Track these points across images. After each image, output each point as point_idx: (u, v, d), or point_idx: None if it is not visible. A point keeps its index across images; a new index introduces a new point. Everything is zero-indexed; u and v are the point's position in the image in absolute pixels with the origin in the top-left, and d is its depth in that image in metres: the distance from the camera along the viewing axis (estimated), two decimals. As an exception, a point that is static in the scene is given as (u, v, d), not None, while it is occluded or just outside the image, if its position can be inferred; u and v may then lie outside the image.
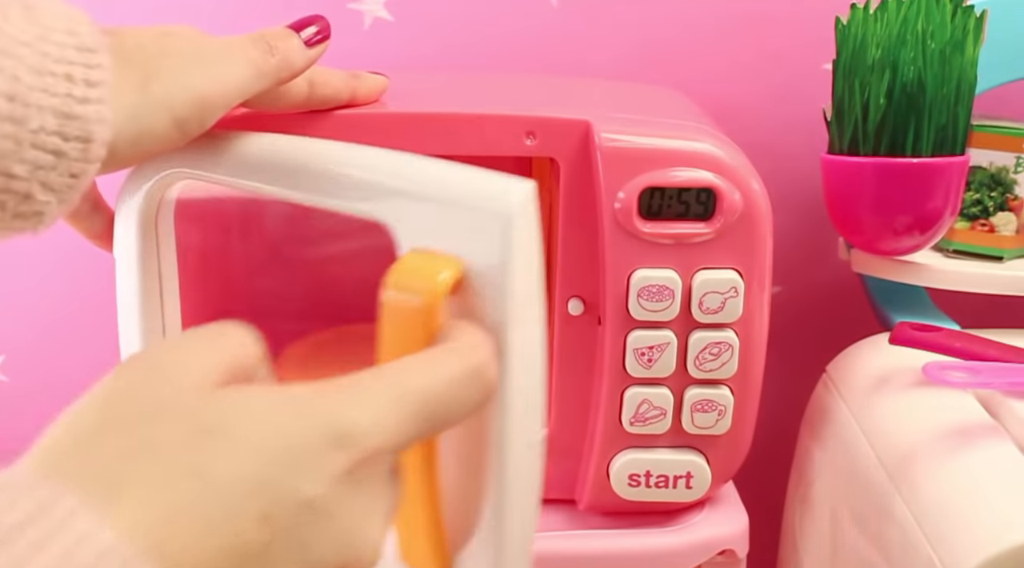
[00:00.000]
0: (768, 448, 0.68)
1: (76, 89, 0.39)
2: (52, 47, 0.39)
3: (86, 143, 0.39)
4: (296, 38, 0.48)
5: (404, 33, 0.77)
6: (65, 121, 0.39)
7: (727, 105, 0.76)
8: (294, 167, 0.43)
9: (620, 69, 0.77)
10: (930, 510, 0.51)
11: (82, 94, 0.39)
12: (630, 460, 0.57)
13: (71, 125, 0.39)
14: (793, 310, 0.83)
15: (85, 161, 0.40)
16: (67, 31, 0.39)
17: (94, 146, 0.40)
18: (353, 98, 0.53)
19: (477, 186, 0.37)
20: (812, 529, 0.66)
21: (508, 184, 0.36)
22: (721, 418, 0.56)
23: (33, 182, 0.39)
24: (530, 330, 0.36)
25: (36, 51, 0.38)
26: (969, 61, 0.61)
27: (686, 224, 0.53)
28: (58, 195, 0.40)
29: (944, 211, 0.62)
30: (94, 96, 0.39)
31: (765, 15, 0.77)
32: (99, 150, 0.40)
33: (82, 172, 0.40)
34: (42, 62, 0.38)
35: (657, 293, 0.53)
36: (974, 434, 0.54)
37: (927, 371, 0.53)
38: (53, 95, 0.38)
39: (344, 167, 0.41)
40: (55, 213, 0.41)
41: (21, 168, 0.38)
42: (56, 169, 0.39)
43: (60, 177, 0.39)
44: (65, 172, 0.39)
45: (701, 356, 0.55)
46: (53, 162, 0.39)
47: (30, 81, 0.38)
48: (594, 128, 0.53)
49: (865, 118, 0.61)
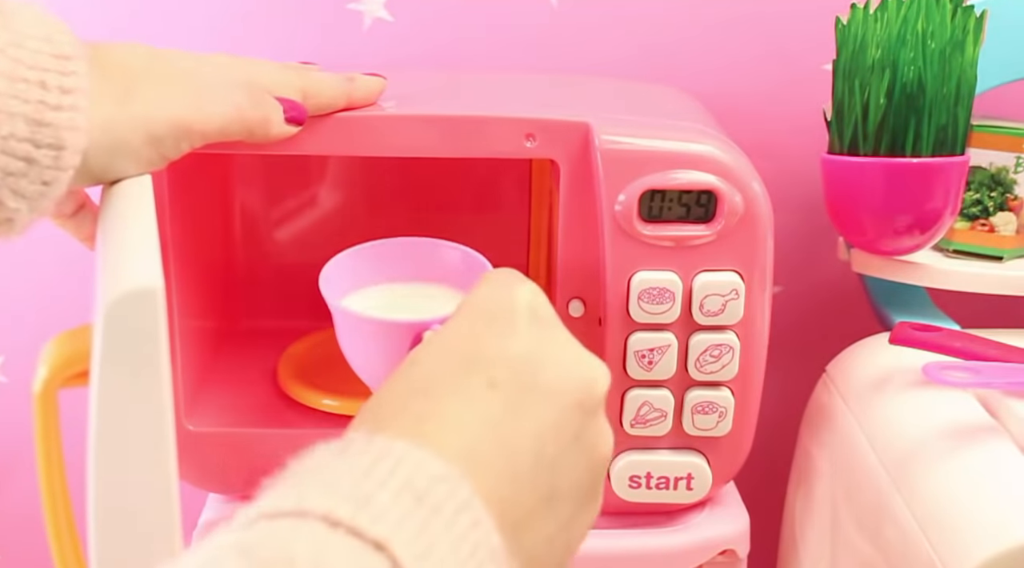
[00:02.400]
0: (768, 448, 0.68)
1: (49, 96, 0.39)
2: (26, 53, 0.38)
3: (58, 150, 0.39)
4: (279, 110, 0.48)
5: (404, 33, 0.77)
6: (37, 128, 0.38)
7: (727, 105, 0.76)
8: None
9: (620, 69, 0.77)
10: (930, 510, 0.51)
11: (55, 101, 0.39)
12: (631, 461, 0.57)
13: (43, 132, 0.39)
14: (793, 310, 0.83)
15: (57, 168, 0.39)
16: (43, 38, 0.39)
17: (66, 154, 0.39)
18: (349, 103, 0.53)
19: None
20: (812, 529, 0.66)
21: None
22: (722, 420, 0.56)
23: (3, 189, 0.39)
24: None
25: (8, 57, 0.38)
26: (969, 61, 0.61)
27: (687, 226, 0.53)
28: (29, 202, 0.39)
29: (944, 211, 0.62)
30: (67, 103, 0.39)
31: (765, 15, 0.77)
32: (72, 158, 0.39)
33: (54, 179, 0.39)
34: (14, 68, 0.38)
35: (658, 295, 0.53)
36: (974, 434, 0.54)
37: (927, 371, 0.54)
38: (25, 102, 0.38)
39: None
40: (26, 220, 0.40)
41: None
42: (27, 176, 0.39)
43: (31, 184, 0.39)
44: (36, 179, 0.39)
45: (702, 358, 0.55)
46: (24, 169, 0.39)
47: (1, 87, 0.38)
48: (594, 130, 0.53)
49: (865, 118, 0.61)
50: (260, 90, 0.47)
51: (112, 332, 0.33)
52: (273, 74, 0.49)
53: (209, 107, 0.44)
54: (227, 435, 0.59)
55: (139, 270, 0.34)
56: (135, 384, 0.33)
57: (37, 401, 0.37)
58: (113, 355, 0.33)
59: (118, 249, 0.36)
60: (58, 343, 0.37)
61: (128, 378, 0.33)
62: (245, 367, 0.66)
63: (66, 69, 0.39)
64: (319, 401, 0.61)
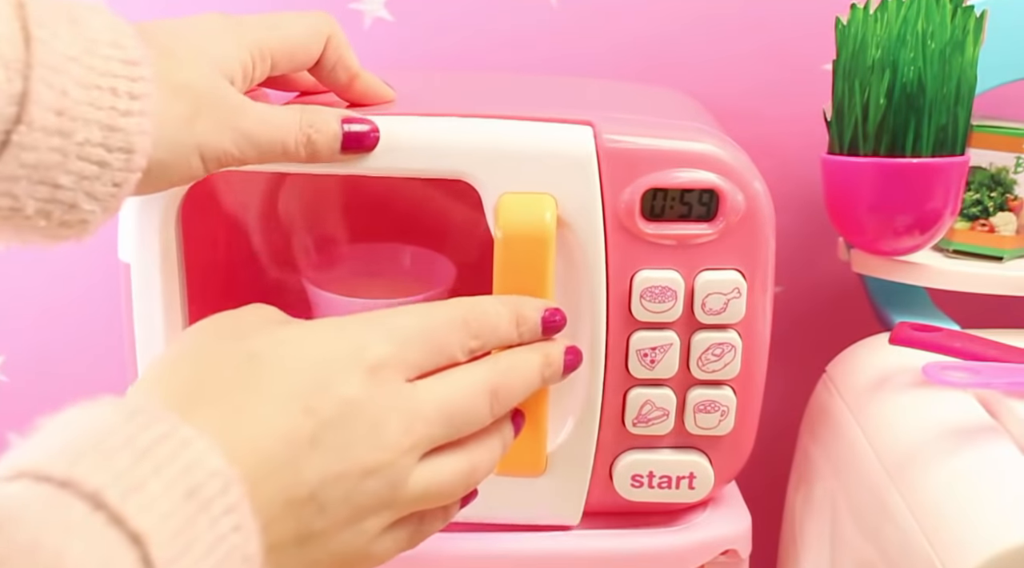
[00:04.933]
0: (768, 448, 0.68)
1: (120, 102, 0.40)
2: (98, 61, 0.40)
3: (128, 154, 0.41)
4: (335, 133, 0.49)
5: (404, 33, 0.77)
6: (109, 133, 0.40)
7: (727, 105, 0.76)
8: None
9: (620, 69, 0.77)
10: (930, 510, 0.51)
11: (125, 107, 0.40)
12: (633, 461, 0.57)
13: (115, 137, 0.40)
14: (793, 310, 0.83)
15: (128, 170, 0.41)
16: (112, 43, 0.40)
17: (136, 157, 0.41)
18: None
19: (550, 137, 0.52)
20: (812, 529, 0.66)
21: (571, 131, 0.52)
22: (724, 419, 0.56)
23: (78, 192, 0.40)
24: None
25: (83, 65, 0.39)
26: (969, 61, 0.61)
27: (689, 225, 0.53)
28: (102, 204, 0.41)
29: (944, 211, 0.62)
30: (136, 109, 0.41)
31: (765, 15, 0.77)
32: (140, 160, 0.41)
33: (124, 181, 0.41)
34: (88, 76, 0.39)
35: (660, 294, 0.53)
36: (974, 434, 0.54)
37: (927, 371, 0.54)
38: (99, 109, 0.40)
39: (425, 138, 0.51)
40: (99, 221, 0.42)
41: (67, 179, 0.40)
42: (100, 179, 0.40)
43: (104, 187, 0.41)
44: (108, 182, 0.41)
45: (704, 357, 0.55)
46: (97, 173, 0.40)
47: (77, 95, 0.39)
48: (596, 129, 0.53)
49: (865, 118, 0.62)
50: (314, 123, 0.48)
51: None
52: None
53: (259, 139, 0.46)
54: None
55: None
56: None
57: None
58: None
59: None
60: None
61: None
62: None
63: (134, 74, 0.41)
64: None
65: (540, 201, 0.51)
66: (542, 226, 0.49)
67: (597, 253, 0.53)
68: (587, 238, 0.52)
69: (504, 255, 0.49)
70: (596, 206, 0.52)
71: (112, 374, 0.79)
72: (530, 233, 0.49)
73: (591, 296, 0.53)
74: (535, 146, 0.52)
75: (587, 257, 0.53)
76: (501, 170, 0.51)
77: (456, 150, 0.52)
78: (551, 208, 0.50)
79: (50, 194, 0.40)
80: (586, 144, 0.52)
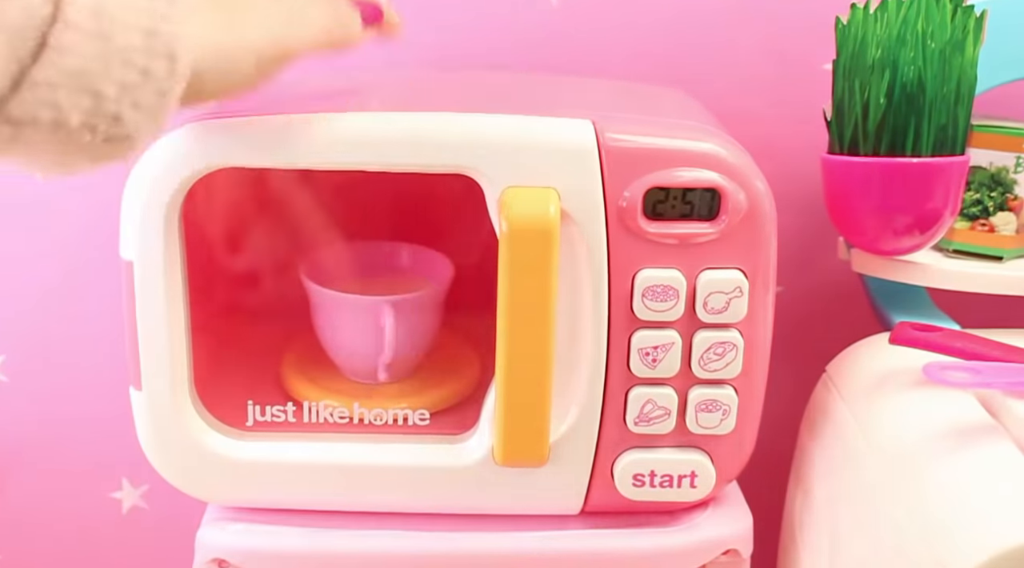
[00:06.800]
0: (769, 448, 0.68)
1: (159, 4, 0.40)
2: None
3: (171, 62, 0.40)
4: (358, 20, 0.53)
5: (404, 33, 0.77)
6: (150, 39, 0.39)
7: (727, 105, 0.76)
8: (379, 140, 0.52)
9: (620, 69, 0.78)
10: (930, 510, 0.51)
11: (164, 11, 0.40)
12: (634, 460, 0.57)
13: (156, 42, 0.40)
14: (793, 310, 0.83)
15: (172, 78, 0.40)
16: None
17: (179, 65, 0.41)
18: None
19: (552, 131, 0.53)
20: (811, 529, 0.66)
21: (574, 126, 0.53)
22: (725, 418, 0.56)
23: (123, 103, 0.40)
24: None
25: None
26: (969, 61, 0.61)
27: (691, 224, 0.53)
28: (147, 114, 0.40)
29: (944, 211, 0.62)
30: (176, 14, 0.40)
31: (765, 15, 0.77)
32: (184, 68, 0.41)
33: (169, 90, 0.41)
34: None
35: (661, 293, 0.54)
36: (974, 434, 0.54)
37: (927, 371, 0.54)
38: (138, 11, 0.39)
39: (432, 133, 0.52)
40: (145, 136, 0.41)
41: (110, 88, 0.39)
42: (144, 87, 0.40)
43: (149, 96, 0.40)
44: (153, 90, 0.40)
45: (705, 356, 0.55)
46: (141, 81, 0.40)
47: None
48: (598, 128, 0.53)
49: (865, 118, 0.62)
50: (342, 12, 0.52)
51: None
52: None
53: (301, 31, 0.49)
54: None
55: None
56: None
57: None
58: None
59: None
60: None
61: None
62: (248, 368, 0.67)
63: None
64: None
65: (544, 194, 0.51)
66: (546, 219, 0.50)
67: (600, 249, 0.53)
68: (590, 234, 0.53)
69: (509, 248, 0.50)
70: (599, 202, 0.52)
71: (112, 374, 0.79)
72: (535, 226, 0.50)
73: (593, 293, 0.54)
74: (538, 141, 0.52)
75: (590, 253, 0.53)
76: (504, 165, 0.52)
77: (459, 145, 0.52)
78: (555, 201, 0.51)
79: (94, 104, 0.39)
80: (588, 139, 0.52)
